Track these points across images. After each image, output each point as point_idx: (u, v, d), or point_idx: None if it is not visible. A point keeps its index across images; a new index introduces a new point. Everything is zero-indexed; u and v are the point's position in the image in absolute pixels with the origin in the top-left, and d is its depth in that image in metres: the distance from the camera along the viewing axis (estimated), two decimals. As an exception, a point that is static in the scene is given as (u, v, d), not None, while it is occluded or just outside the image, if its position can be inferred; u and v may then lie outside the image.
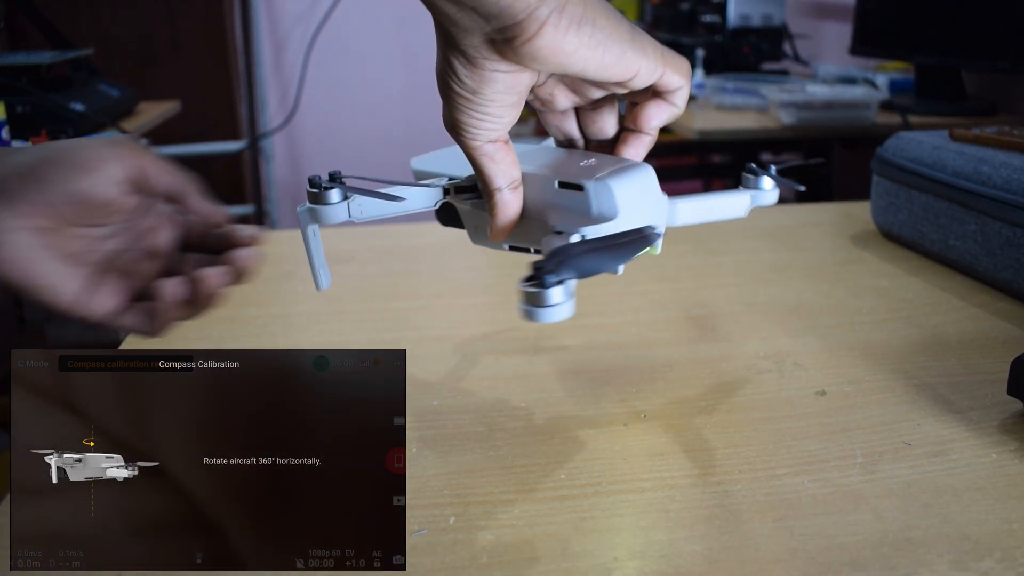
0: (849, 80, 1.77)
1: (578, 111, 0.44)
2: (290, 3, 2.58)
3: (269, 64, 2.61)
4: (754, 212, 0.47)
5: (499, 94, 0.36)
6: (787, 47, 1.96)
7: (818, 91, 1.61)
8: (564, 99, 0.42)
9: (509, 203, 0.40)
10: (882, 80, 1.76)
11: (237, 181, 2.64)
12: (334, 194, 0.40)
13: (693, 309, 0.67)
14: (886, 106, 1.65)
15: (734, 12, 1.92)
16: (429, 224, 0.46)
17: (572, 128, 0.44)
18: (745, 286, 0.72)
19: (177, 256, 0.42)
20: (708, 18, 1.98)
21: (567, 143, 0.45)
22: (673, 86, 0.40)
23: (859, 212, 0.91)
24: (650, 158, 0.44)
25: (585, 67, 0.36)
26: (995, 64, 1.48)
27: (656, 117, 0.41)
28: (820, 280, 0.73)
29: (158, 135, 1.77)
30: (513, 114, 0.38)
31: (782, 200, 0.48)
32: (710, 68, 1.90)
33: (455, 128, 0.38)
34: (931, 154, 0.74)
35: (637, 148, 0.43)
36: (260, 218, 2.62)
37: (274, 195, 2.63)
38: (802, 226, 0.89)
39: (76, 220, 0.37)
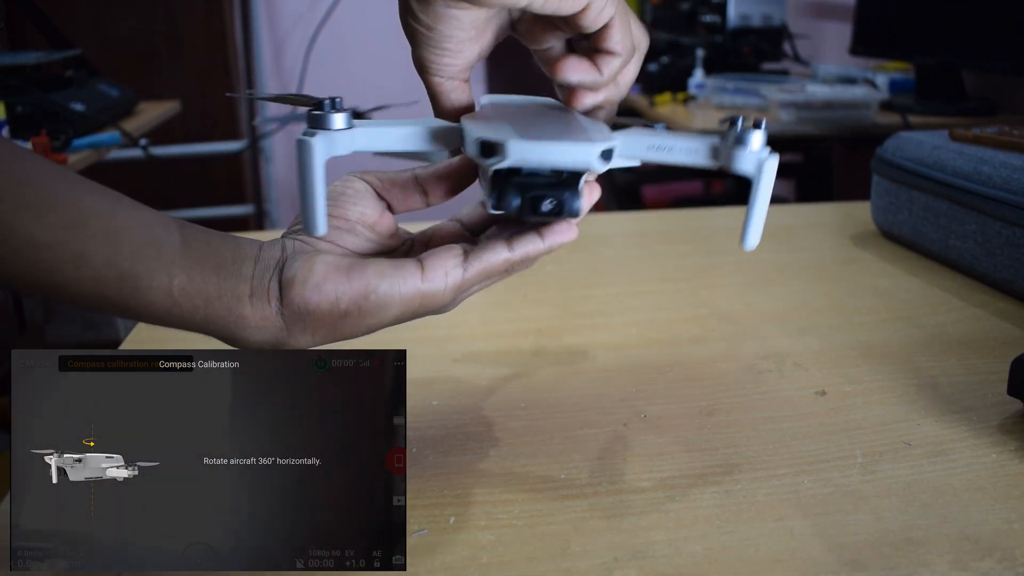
0: (849, 80, 1.77)
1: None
2: (290, 3, 2.59)
3: (269, 64, 2.61)
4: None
5: (455, 30, 0.37)
6: (787, 47, 1.96)
7: (818, 91, 1.61)
8: (549, 36, 0.40)
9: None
10: (882, 80, 1.75)
11: (237, 181, 2.64)
12: (340, 118, 0.37)
13: (693, 309, 0.67)
14: (886, 106, 1.65)
15: (734, 12, 1.92)
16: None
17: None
18: (745, 286, 0.72)
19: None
20: (708, 18, 1.98)
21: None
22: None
23: (859, 212, 0.91)
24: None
25: (529, 1, 0.35)
26: (995, 64, 1.48)
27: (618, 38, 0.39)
28: (820, 280, 0.73)
29: (158, 135, 1.77)
30: (473, 49, 0.38)
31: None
32: (710, 68, 1.90)
33: (420, 65, 0.39)
34: (931, 154, 0.74)
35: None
36: (260, 218, 2.62)
37: (274, 195, 2.63)
38: (802, 226, 0.89)
39: (366, 247, 0.42)
